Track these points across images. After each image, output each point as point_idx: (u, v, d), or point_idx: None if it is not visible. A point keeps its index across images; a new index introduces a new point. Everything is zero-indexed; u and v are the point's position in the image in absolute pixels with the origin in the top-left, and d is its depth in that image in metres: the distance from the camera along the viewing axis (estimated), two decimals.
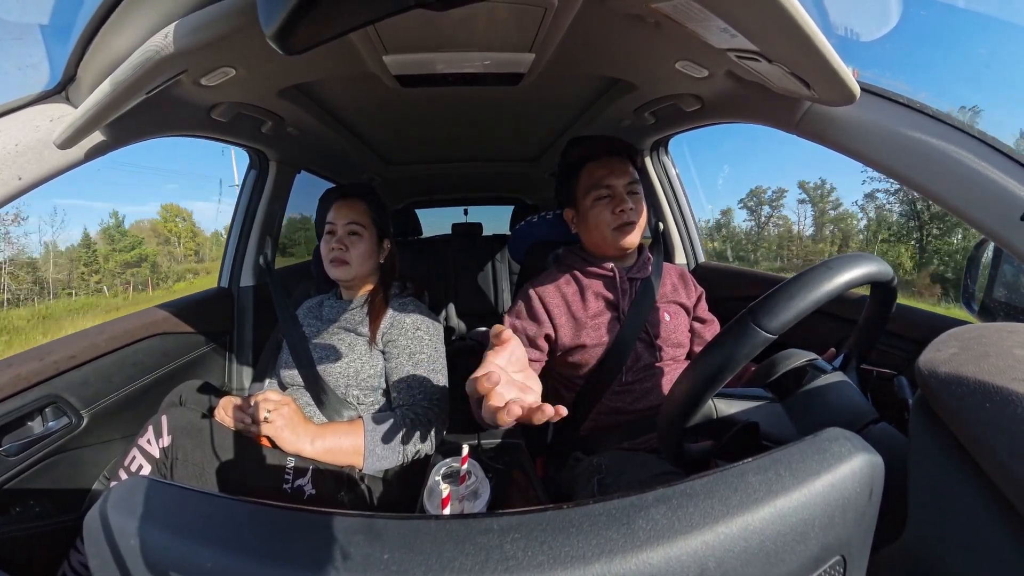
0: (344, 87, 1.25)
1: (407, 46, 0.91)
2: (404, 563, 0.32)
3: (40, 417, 0.99)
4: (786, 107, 0.88)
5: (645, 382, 1.00)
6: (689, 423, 0.61)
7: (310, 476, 0.89)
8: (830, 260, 0.58)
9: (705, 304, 1.16)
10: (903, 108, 0.76)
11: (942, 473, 0.46)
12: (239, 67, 0.86)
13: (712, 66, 0.92)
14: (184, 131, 1.10)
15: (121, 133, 0.85)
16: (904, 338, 0.95)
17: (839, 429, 0.43)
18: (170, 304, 1.40)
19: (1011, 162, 0.67)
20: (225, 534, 0.35)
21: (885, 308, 0.69)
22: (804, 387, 0.69)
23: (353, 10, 0.33)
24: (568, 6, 0.76)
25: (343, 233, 1.12)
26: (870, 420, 0.63)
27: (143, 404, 1.21)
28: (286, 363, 1.12)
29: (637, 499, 0.36)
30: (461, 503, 0.67)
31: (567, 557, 0.31)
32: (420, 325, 1.09)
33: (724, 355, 0.56)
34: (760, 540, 0.34)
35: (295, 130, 1.43)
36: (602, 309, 1.03)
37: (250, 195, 1.66)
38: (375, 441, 0.95)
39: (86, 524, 0.38)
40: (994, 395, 0.41)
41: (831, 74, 0.66)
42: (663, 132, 1.54)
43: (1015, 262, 0.79)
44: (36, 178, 0.72)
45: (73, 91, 0.76)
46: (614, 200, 1.00)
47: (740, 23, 0.63)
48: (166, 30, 0.62)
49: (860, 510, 0.39)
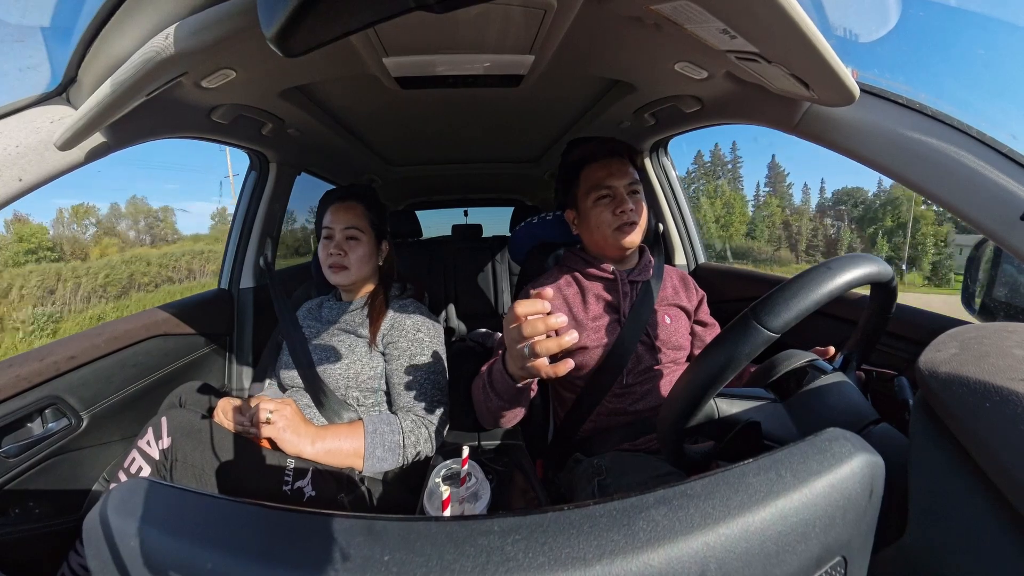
0: (344, 89, 1.25)
1: (407, 48, 0.91)
2: (404, 565, 0.32)
3: (40, 418, 0.99)
4: (786, 108, 0.89)
5: (645, 384, 1.00)
6: (691, 423, 0.61)
7: (310, 477, 0.89)
8: (830, 261, 0.58)
9: (707, 307, 1.16)
10: (903, 108, 0.76)
11: (943, 473, 0.46)
12: (239, 69, 0.86)
13: (712, 67, 0.92)
14: (184, 133, 1.10)
15: (121, 135, 0.85)
16: (904, 338, 0.95)
17: (839, 430, 0.43)
18: (170, 305, 1.40)
19: (1011, 162, 0.67)
20: (225, 536, 0.35)
21: (885, 309, 0.69)
22: (804, 388, 0.69)
23: (353, 12, 0.33)
24: (568, 8, 0.76)
25: (341, 237, 1.12)
26: (870, 421, 0.63)
27: (143, 405, 1.21)
28: (286, 364, 1.12)
29: (637, 500, 0.36)
30: (461, 505, 0.67)
31: (568, 558, 0.31)
32: (421, 327, 1.09)
33: (726, 353, 0.55)
34: (761, 541, 0.34)
35: (295, 132, 1.44)
36: (603, 311, 1.03)
37: (250, 197, 1.67)
38: (375, 443, 0.95)
39: (86, 526, 0.37)
40: (994, 395, 0.41)
41: (830, 75, 0.67)
42: (663, 133, 1.54)
43: (1015, 262, 0.79)
44: (37, 179, 0.72)
45: (74, 93, 0.76)
46: (615, 200, 1.00)
47: (739, 25, 0.64)
48: (166, 32, 0.62)
49: (861, 511, 0.39)
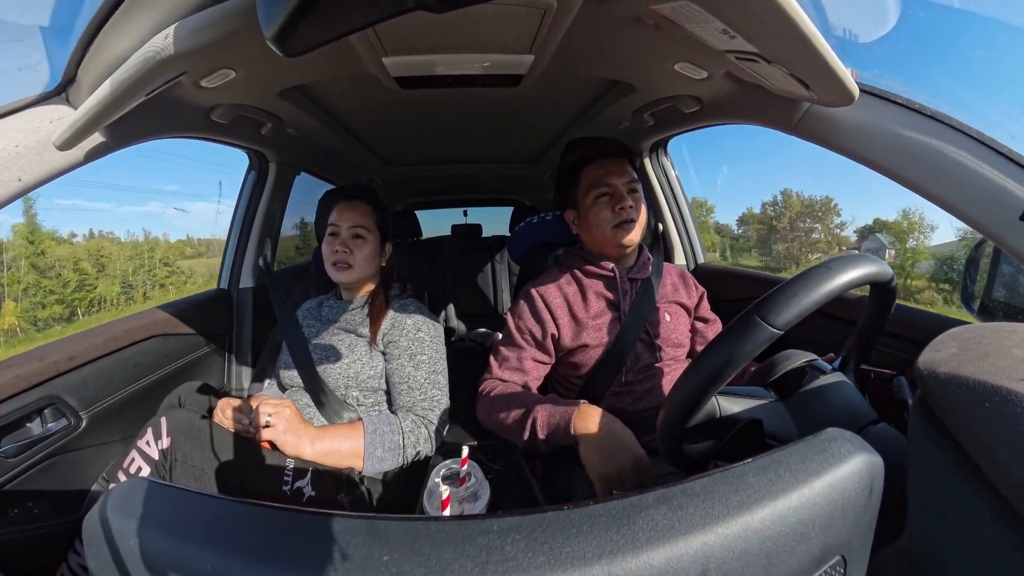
0: (344, 88, 1.25)
1: (406, 48, 0.91)
2: (404, 564, 0.32)
3: (39, 418, 0.99)
4: (785, 108, 0.89)
5: (645, 383, 1.00)
6: (693, 421, 0.61)
7: (309, 478, 0.89)
8: (830, 260, 0.58)
9: (707, 304, 1.16)
10: (902, 109, 0.76)
11: (942, 473, 0.46)
12: (239, 69, 0.86)
13: (711, 67, 0.92)
14: (184, 132, 1.10)
15: (121, 134, 0.85)
16: (903, 338, 0.95)
17: (839, 429, 0.43)
18: (169, 305, 1.40)
19: (1010, 162, 0.67)
20: (224, 536, 0.35)
21: (884, 309, 0.69)
22: (803, 388, 0.69)
23: (352, 12, 0.33)
24: (567, 8, 0.76)
25: (347, 236, 1.11)
26: (870, 420, 0.63)
27: (142, 406, 1.21)
28: (285, 364, 1.12)
29: (637, 500, 0.36)
30: (461, 504, 0.67)
31: (567, 558, 0.31)
32: (421, 326, 1.09)
33: (730, 350, 0.55)
34: (760, 540, 0.34)
35: (295, 131, 1.44)
36: (603, 309, 1.03)
37: (249, 196, 1.67)
38: (375, 443, 0.95)
39: (85, 526, 0.37)
40: (993, 395, 0.41)
41: (830, 75, 0.67)
42: (662, 133, 1.54)
43: (1014, 262, 0.79)
44: (36, 179, 0.72)
45: (73, 92, 0.76)
46: (614, 198, 1.01)
47: (739, 25, 0.64)
48: (166, 32, 0.62)
49: (860, 510, 0.39)
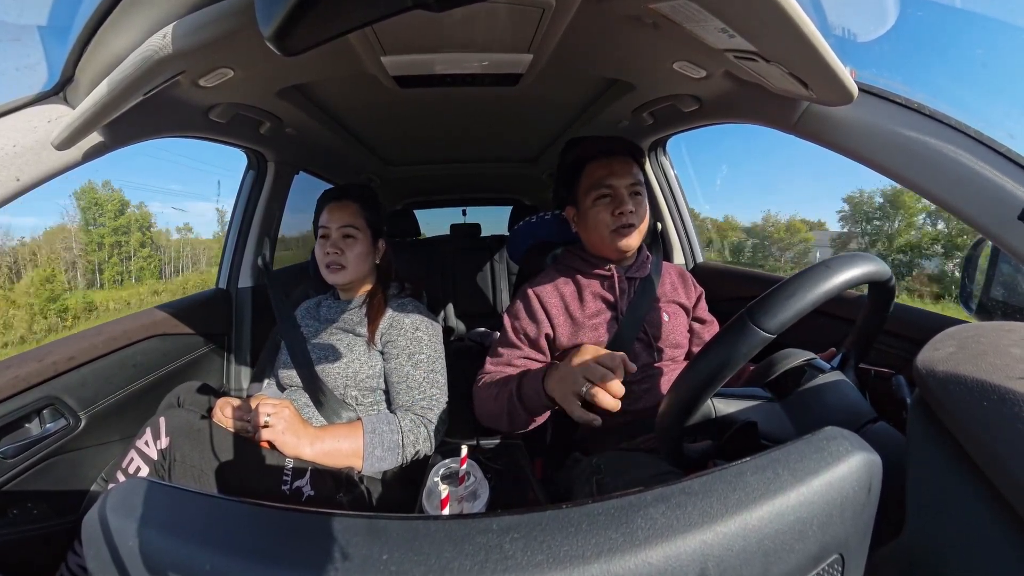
0: (342, 88, 1.24)
1: (405, 47, 0.91)
2: (403, 563, 0.32)
3: (38, 419, 0.99)
4: (784, 107, 0.89)
5: (643, 383, 0.99)
6: (688, 423, 0.61)
7: (309, 477, 0.89)
8: (829, 260, 0.58)
9: (705, 304, 1.16)
10: (901, 108, 0.76)
11: (940, 472, 0.46)
12: (237, 68, 0.86)
13: (710, 66, 0.92)
14: (182, 132, 1.10)
15: (119, 134, 0.85)
16: (902, 337, 0.95)
17: (837, 428, 0.43)
18: (168, 305, 1.40)
19: (1008, 162, 0.67)
20: (224, 535, 0.35)
21: (883, 307, 0.69)
22: (802, 386, 0.69)
23: (351, 11, 0.33)
24: (566, 7, 0.76)
25: (337, 236, 1.11)
26: (868, 419, 0.63)
27: (141, 406, 1.21)
28: (284, 364, 1.12)
29: (636, 498, 0.36)
30: (460, 504, 0.67)
31: (566, 557, 0.31)
32: (419, 325, 1.09)
33: (722, 355, 0.56)
34: (759, 539, 0.34)
35: (293, 131, 1.43)
36: (600, 309, 1.03)
37: (248, 196, 1.66)
38: (374, 442, 0.95)
39: (84, 526, 0.37)
40: (991, 393, 0.41)
41: (829, 74, 0.67)
42: (661, 132, 1.54)
43: (1012, 261, 0.79)
44: (34, 179, 0.72)
45: (71, 92, 0.76)
46: (614, 201, 0.99)
47: (738, 24, 0.64)
48: (164, 31, 0.62)
49: (858, 509, 0.39)
